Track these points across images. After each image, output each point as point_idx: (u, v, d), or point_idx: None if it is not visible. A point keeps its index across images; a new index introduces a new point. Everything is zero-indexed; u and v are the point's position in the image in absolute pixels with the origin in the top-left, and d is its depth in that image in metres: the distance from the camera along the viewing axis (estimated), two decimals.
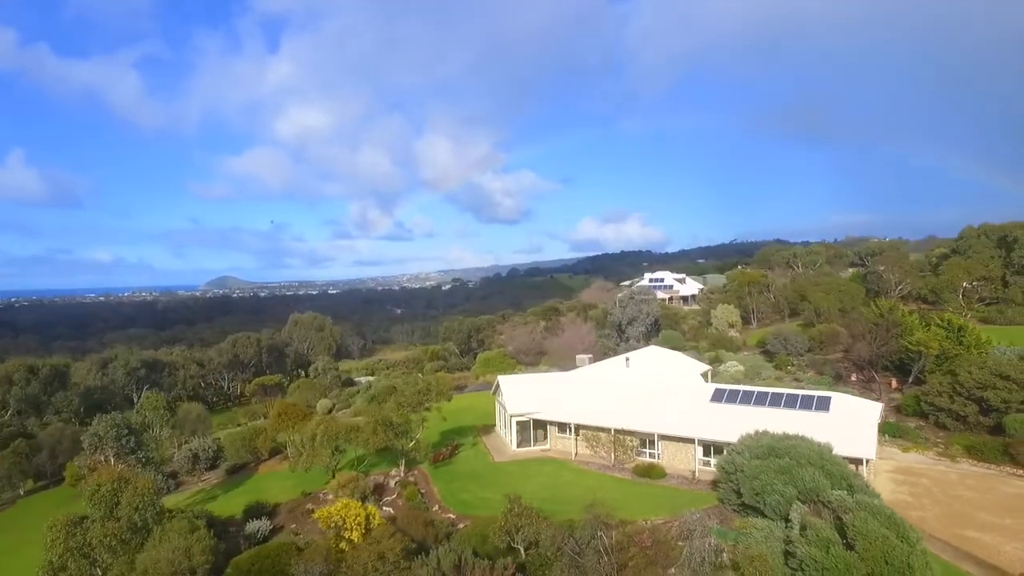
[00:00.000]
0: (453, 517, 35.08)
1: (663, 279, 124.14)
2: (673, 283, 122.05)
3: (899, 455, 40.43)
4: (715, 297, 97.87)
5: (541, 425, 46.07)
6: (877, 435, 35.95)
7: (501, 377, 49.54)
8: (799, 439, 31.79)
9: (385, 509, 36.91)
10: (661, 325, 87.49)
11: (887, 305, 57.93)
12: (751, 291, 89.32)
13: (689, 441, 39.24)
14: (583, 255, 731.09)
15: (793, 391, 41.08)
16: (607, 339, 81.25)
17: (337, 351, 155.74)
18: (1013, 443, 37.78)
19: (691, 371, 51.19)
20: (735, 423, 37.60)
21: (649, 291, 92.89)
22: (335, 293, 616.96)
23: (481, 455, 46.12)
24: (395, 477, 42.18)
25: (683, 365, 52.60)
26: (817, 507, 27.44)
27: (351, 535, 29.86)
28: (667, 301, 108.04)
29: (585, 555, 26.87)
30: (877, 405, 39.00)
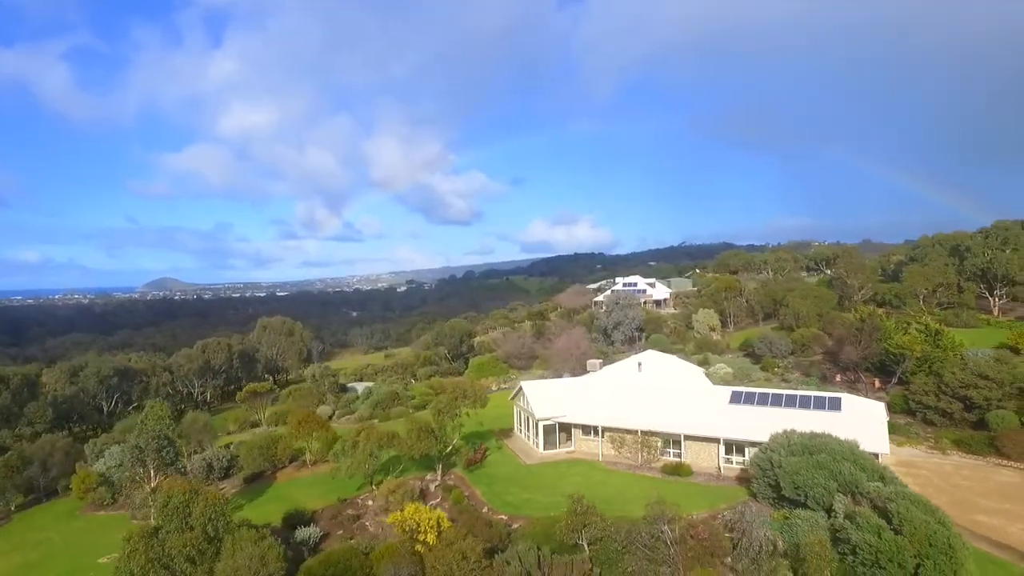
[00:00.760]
0: (505, 518, 36.85)
1: (636, 284, 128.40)
2: (645, 288, 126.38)
3: (896, 449, 44.45)
4: (691, 301, 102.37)
5: (565, 428, 48.27)
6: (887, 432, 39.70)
7: (524, 383, 51.45)
8: (827, 437, 35.07)
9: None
10: (644, 329, 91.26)
11: (867, 311, 62.84)
12: (727, 296, 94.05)
13: (713, 441, 42.24)
14: (535, 256, 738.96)
15: (806, 392, 44.70)
16: (595, 343, 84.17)
17: (308, 355, 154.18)
18: (997, 436, 42.37)
19: (697, 374, 54.54)
20: (756, 423, 40.87)
21: (633, 296, 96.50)
22: (285, 295, 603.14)
23: (508, 458, 47.94)
24: (433, 481, 43.55)
25: (687, 368, 55.82)
26: (857, 498, 30.67)
27: (426, 537, 31.31)
28: (642, 305, 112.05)
29: (656, 548, 29.27)
30: (881, 404, 42.96)
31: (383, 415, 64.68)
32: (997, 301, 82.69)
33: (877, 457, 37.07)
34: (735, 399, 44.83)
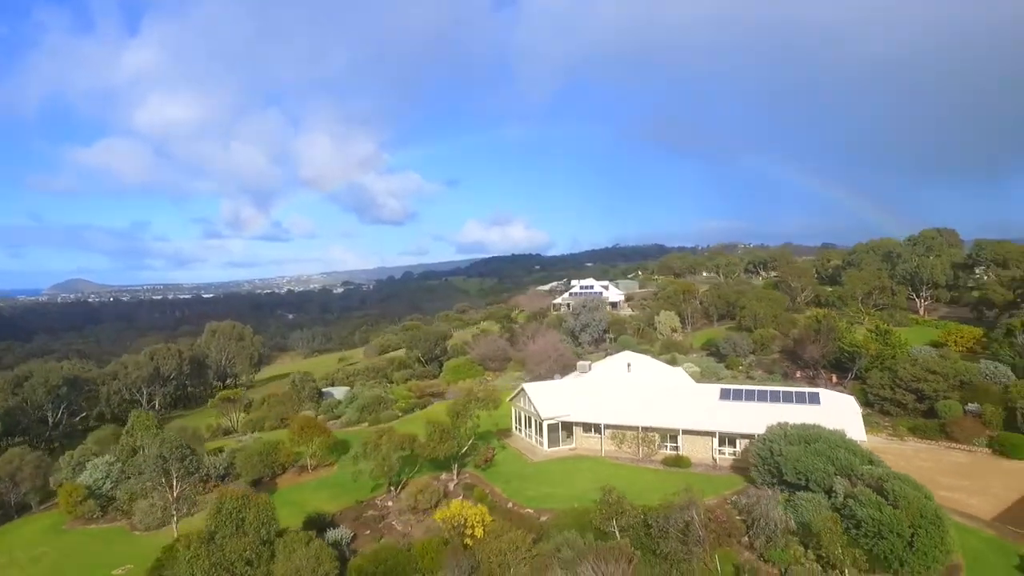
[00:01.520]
0: (532, 512, 39.42)
1: (592, 286, 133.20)
2: (601, 290, 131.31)
3: None
4: (650, 303, 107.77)
5: (567, 426, 51.25)
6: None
7: (526, 385, 54.07)
8: (818, 428, 39.57)
9: None
10: (608, 331, 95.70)
11: (822, 313, 69.22)
12: (685, 298, 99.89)
13: (709, 434, 46.30)
14: (472, 257, 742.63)
15: (788, 388, 49.59)
16: (565, 345, 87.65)
17: (260, 361, 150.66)
18: (946, 423, 48.52)
19: (678, 373, 58.81)
20: (746, 417, 45.24)
21: (597, 299, 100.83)
22: (211, 297, 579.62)
23: (514, 457, 50.45)
24: (449, 481, 45.50)
25: (669, 368, 60.04)
26: (853, 480, 35.12)
27: (475, 531, 33.52)
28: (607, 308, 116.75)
29: (688, 531, 32.67)
30: (851, 398, 48.30)
31: (373, 419, 65.65)
32: (923, 302, 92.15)
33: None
34: (724, 396, 49.15)
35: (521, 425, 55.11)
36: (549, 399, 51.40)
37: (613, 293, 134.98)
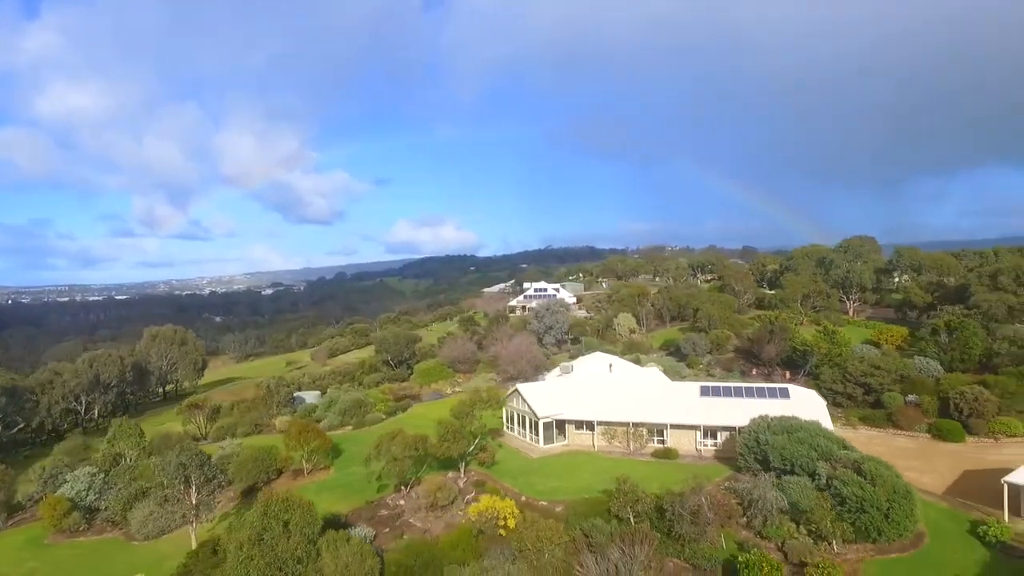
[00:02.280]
0: (546, 504, 42.30)
1: (545, 289, 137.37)
2: (554, 293, 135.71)
3: None
4: (605, 305, 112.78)
5: (559, 424, 54.44)
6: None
7: (520, 386, 56.83)
8: (795, 419, 44.54)
9: None
10: (569, 332, 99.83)
11: (774, 315, 75.70)
12: (639, 300, 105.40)
13: (693, 428, 50.67)
14: (402, 257, 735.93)
15: (760, 385, 54.76)
16: (535, 347, 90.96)
17: (203, 366, 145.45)
18: (892, 412, 55.09)
19: (654, 372, 63.30)
20: (726, 412, 49.95)
21: (558, 301, 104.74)
22: (126, 298, 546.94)
23: (513, 454, 53.10)
24: (458, 478, 47.68)
25: (645, 368, 64.48)
26: (832, 464, 40.05)
27: (508, 523, 36.11)
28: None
29: (699, 514, 36.52)
30: (813, 392, 53.99)
31: (356, 422, 66.58)
32: (852, 304, 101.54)
33: None
34: (704, 392, 53.78)
35: (514, 424, 57.83)
36: (542, 399, 54.42)
37: (565, 295, 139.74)
